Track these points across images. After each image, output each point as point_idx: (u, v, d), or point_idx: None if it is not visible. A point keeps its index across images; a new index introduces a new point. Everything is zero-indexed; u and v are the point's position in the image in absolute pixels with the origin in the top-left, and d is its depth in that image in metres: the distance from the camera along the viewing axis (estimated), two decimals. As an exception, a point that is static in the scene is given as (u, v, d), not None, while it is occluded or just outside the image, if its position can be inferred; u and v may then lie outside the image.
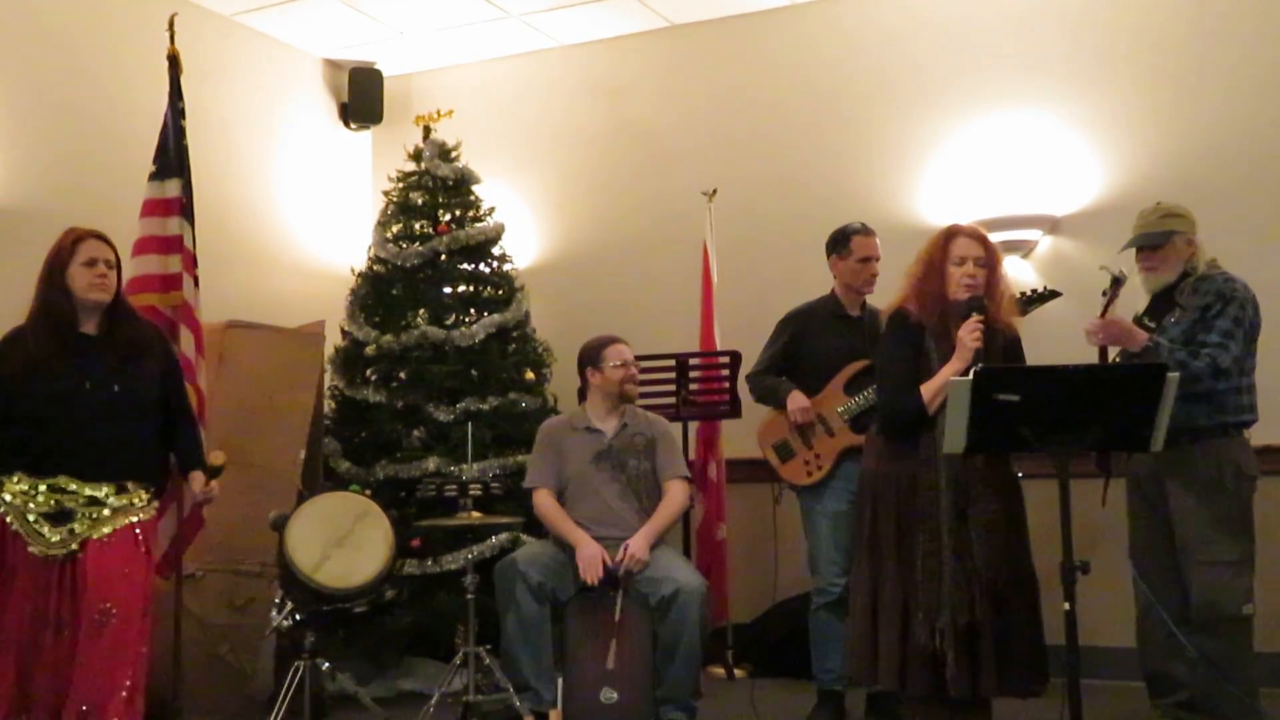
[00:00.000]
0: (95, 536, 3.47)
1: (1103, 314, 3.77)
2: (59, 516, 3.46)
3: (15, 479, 3.47)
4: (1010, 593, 3.44)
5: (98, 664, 3.38)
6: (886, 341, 3.68)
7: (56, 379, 3.48)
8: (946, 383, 3.36)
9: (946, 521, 3.41)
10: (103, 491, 3.52)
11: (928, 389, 3.49)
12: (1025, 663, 3.45)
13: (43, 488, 3.46)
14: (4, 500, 3.46)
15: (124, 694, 3.41)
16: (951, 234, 3.62)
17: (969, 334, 3.45)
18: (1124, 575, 4.04)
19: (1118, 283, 3.75)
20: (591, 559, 4.19)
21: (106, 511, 3.51)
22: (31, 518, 3.45)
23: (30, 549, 3.43)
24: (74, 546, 3.45)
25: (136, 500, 3.58)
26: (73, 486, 3.48)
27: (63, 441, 3.48)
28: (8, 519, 3.45)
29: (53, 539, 3.44)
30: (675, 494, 4.46)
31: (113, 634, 3.42)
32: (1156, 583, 3.90)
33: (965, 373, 3.30)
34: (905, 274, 3.70)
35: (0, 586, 3.43)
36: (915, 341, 3.58)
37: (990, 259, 3.59)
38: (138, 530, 3.57)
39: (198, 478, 3.79)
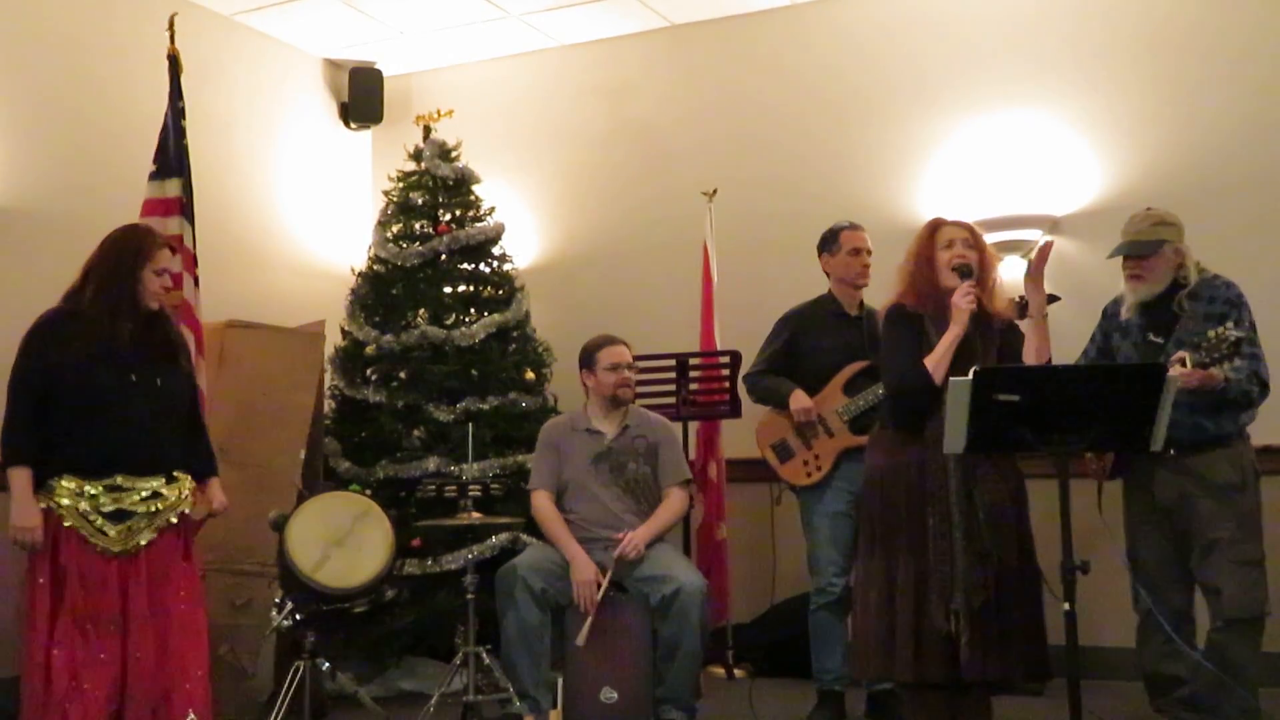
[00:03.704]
0: (154, 528, 3.55)
1: (1206, 367, 3.66)
2: (118, 515, 3.52)
3: (66, 480, 3.49)
4: (1016, 580, 3.47)
5: (155, 662, 3.48)
6: (887, 333, 3.73)
7: (110, 369, 3.53)
8: (949, 347, 3.49)
9: (956, 501, 3.44)
10: (157, 484, 3.59)
11: (930, 359, 3.53)
12: (1029, 651, 3.47)
13: (100, 489, 3.50)
14: (60, 504, 3.48)
15: (190, 681, 3.53)
16: (936, 225, 3.73)
17: (962, 297, 3.52)
18: (1124, 575, 4.04)
19: (1239, 342, 3.65)
20: (586, 585, 4.20)
21: (162, 505, 3.58)
22: (94, 519, 3.48)
23: (96, 546, 3.47)
24: (142, 541, 3.52)
25: (184, 489, 3.66)
26: (130, 484, 3.53)
27: (116, 436, 3.52)
28: (65, 521, 3.47)
29: (115, 536, 3.50)
30: (674, 500, 4.46)
31: (163, 630, 3.51)
32: (1159, 585, 3.90)
33: (965, 357, 3.35)
34: (897, 271, 3.76)
35: (52, 588, 3.45)
36: (916, 329, 3.63)
37: (977, 243, 3.67)
38: (180, 530, 3.65)
39: (217, 485, 3.83)
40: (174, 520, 3.62)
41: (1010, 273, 5.48)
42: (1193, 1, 5.31)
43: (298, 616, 3.99)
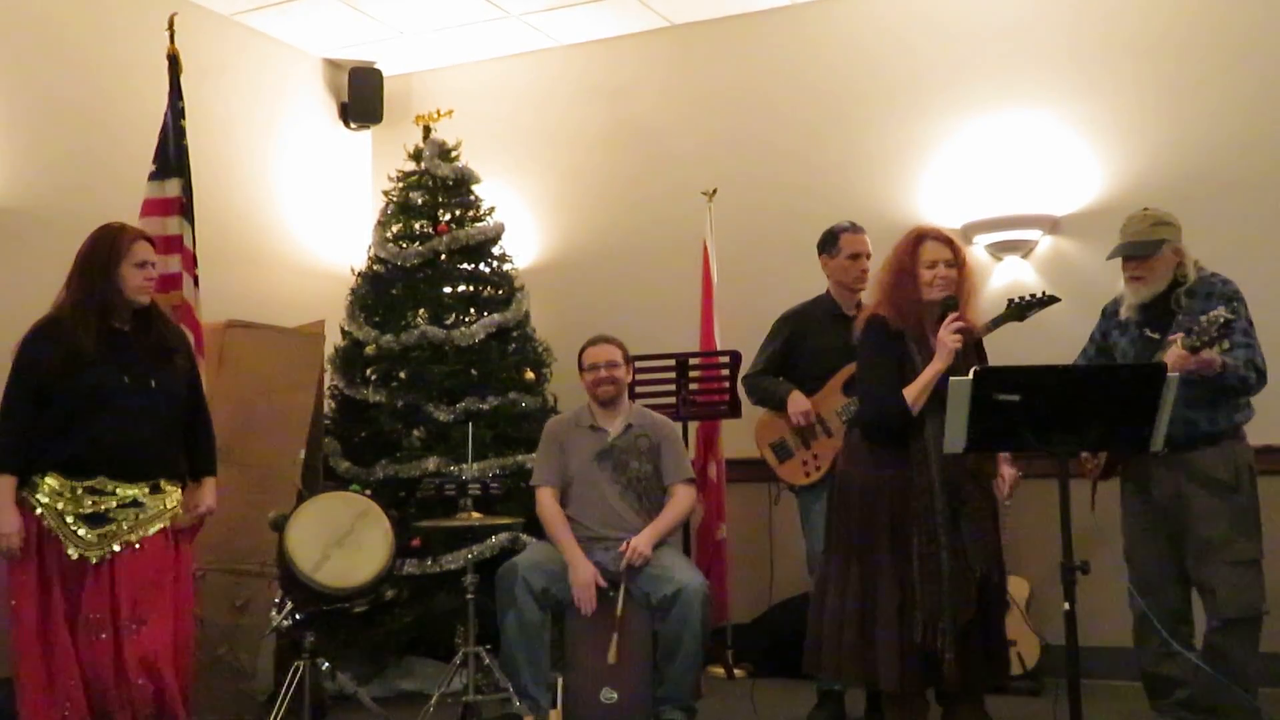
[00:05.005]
0: (132, 539, 3.49)
1: (1198, 350, 3.61)
2: (96, 519, 3.47)
3: (50, 479, 3.46)
4: (994, 591, 3.54)
5: (133, 669, 3.43)
6: (865, 348, 3.69)
7: (98, 373, 3.49)
8: (931, 382, 3.46)
9: (943, 523, 3.44)
10: (140, 491, 3.54)
11: (910, 390, 3.51)
12: (1001, 651, 3.61)
13: (81, 490, 3.46)
14: (39, 501, 3.45)
15: (162, 694, 3.46)
16: (919, 238, 3.65)
17: (948, 333, 3.49)
18: (1124, 575, 4.04)
19: (1230, 324, 3.58)
20: (585, 588, 4.20)
21: (144, 515, 3.53)
22: (69, 519, 3.44)
23: (68, 551, 3.43)
24: (115, 547, 3.47)
25: (170, 501, 3.61)
26: (112, 488, 3.49)
27: (102, 439, 3.48)
28: (44, 521, 3.44)
29: (90, 540, 3.45)
30: (681, 498, 4.45)
31: (145, 639, 3.46)
32: (1155, 585, 3.90)
33: (962, 371, 3.31)
34: (876, 282, 3.73)
35: (41, 590, 3.42)
36: (895, 347, 3.59)
37: (959, 260, 3.63)
38: (170, 534, 3.60)
39: (210, 486, 3.80)
40: (160, 528, 3.57)
41: (1010, 273, 5.49)
42: (1192, 2, 5.30)
43: (297, 616, 3.99)
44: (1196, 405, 3.71)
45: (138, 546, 3.51)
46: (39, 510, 3.44)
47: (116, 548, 3.48)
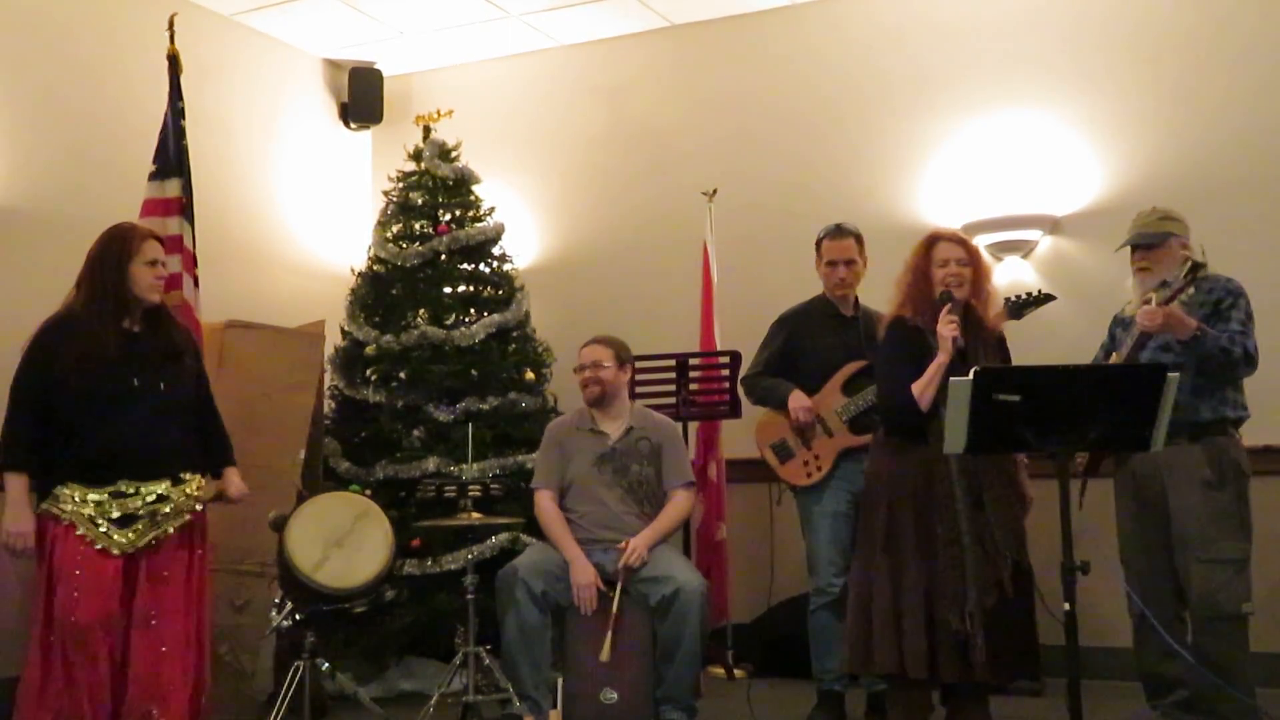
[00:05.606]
0: (158, 534, 3.52)
1: (1169, 301, 3.68)
2: (124, 520, 3.49)
3: (69, 489, 3.46)
4: (1023, 571, 3.60)
5: (147, 666, 3.45)
6: (884, 346, 3.82)
7: (110, 375, 3.50)
8: (935, 375, 3.57)
9: (964, 509, 3.52)
10: (162, 487, 3.55)
11: (918, 386, 3.62)
12: (1025, 651, 3.62)
13: (104, 497, 3.47)
14: (64, 510, 3.45)
15: (178, 691, 3.48)
16: (932, 240, 3.81)
17: (944, 326, 3.60)
18: (1122, 575, 4.04)
19: (1197, 267, 3.66)
20: (585, 588, 4.20)
21: (168, 508, 3.55)
22: (100, 525, 3.45)
23: (97, 546, 3.43)
24: (143, 543, 3.49)
25: (191, 490, 3.63)
26: (135, 489, 3.50)
27: (117, 443, 3.48)
28: (66, 524, 3.43)
29: (122, 540, 3.47)
30: (679, 502, 4.45)
31: (157, 635, 3.48)
32: (1151, 583, 3.90)
33: (964, 370, 3.32)
34: (895, 284, 3.85)
35: (46, 592, 3.42)
36: (916, 344, 3.69)
37: (972, 259, 3.75)
38: (188, 534, 3.62)
39: (234, 476, 3.81)
40: (181, 523, 3.59)
41: (1010, 273, 5.49)
42: (1192, 2, 5.31)
43: (297, 616, 3.99)
44: (1179, 389, 3.67)
45: (160, 541, 3.53)
46: (64, 519, 3.44)
47: (145, 542, 3.50)
